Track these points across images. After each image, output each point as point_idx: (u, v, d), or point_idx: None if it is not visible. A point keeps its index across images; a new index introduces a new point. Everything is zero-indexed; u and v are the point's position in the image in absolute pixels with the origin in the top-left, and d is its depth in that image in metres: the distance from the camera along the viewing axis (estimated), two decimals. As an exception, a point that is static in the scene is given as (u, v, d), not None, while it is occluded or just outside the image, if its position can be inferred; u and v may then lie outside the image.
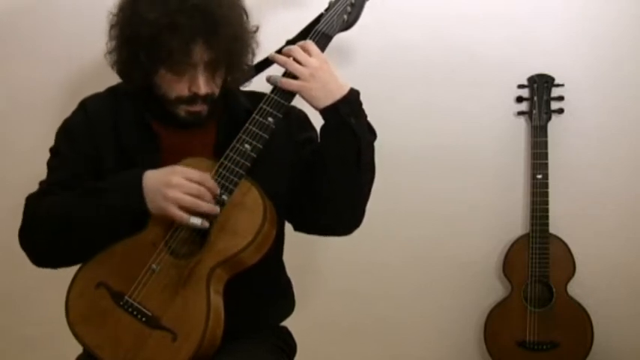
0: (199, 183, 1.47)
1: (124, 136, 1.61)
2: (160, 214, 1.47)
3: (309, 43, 1.56)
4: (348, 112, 1.53)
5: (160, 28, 1.45)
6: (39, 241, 1.56)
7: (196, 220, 1.46)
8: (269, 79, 1.55)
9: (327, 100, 1.53)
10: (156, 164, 1.54)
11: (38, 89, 2.33)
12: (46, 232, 1.54)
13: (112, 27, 1.56)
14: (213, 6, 1.47)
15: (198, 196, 1.46)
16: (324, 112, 1.54)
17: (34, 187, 1.65)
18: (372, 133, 1.62)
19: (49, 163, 1.66)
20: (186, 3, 1.45)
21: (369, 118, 1.62)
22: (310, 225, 1.68)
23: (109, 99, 1.67)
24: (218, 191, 1.48)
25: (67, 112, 1.71)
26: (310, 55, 1.54)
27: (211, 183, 1.48)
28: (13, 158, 2.36)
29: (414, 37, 2.44)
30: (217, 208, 1.47)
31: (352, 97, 1.56)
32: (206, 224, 1.47)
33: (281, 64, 1.55)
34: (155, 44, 1.46)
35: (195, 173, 1.48)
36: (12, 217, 1.68)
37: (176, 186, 1.45)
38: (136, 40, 1.49)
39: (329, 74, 1.54)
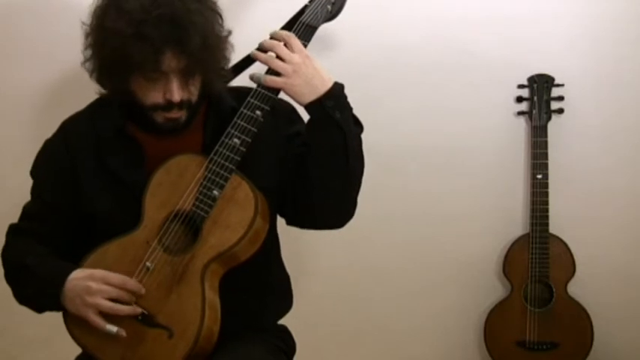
0: (120, 287, 1.49)
1: (106, 153, 1.61)
2: (79, 317, 1.50)
3: (291, 37, 1.56)
4: (332, 107, 1.53)
5: (126, 38, 1.43)
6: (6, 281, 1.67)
7: (112, 328, 1.48)
8: (252, 78, 1.55)
9: (312, 96, 1.53)
10: (141, 175, 1.57)
11: (36, 90, 2.34)
12: (6, 277, 1.66)
13: (86, 36, 1.55)
14: (180, 14, 1.45)
15: (117, 299, 1.48)
16: (308, 107, 1.54)
17: (26, 190, 1.66)
18: (358, 125, 1.62)
19: (31, 189, 1.70)
20: (151, 13, 1.43)
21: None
22: (302, 218, 1.68)
23: (89, 116, 1.68)
24: (142, 291, 1.50)
25: (66, 112, 1.72)
26: (292, 51, 1.54)
27: (133, 285, 1.50)
28: (13, 158, 2.36)
29: (415, 38, 2.44)
30: (138, 310, 1.49)
31: (336, 91, 1.56)
32: (122, 333, 1.48)
33: (263, 62, 1.55)
34: (123, 54, 1.45)
35: (115, 277, 1.49)
36: (10, 217, 1.69)
37: (96, 292, 1.48)
38: (105, 51, 1.48)
39: (312, 69, 1.53)
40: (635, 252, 2.52)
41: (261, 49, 1.57)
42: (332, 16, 1.72)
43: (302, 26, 1.61)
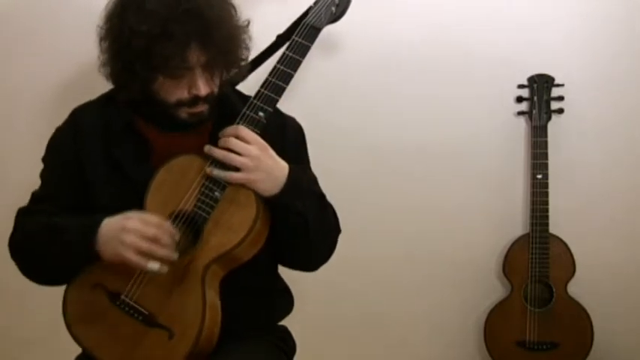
0: (157, 227, 1.46)
1: (113, 146, 1.60)
2: (117, 260, 1.46)
3: (242, 130, 1.51)
4: (293, 197, 1.52)
5: (153, 38, 1.42)
6: (20, 259, 1.61)
7: (154, 266, 1.44)
8: (211, 174, 1.50)
9: (274, 189, 1.50)
10: (147, 172, 1.55)
11: (38, 88, 2.34)
12: (24, 255, 1.60)
13: (101, 40, 1.53)
14: (204, 9, 1.45)
15: (155, 240, 1.44)
16: (270, 199, 1.51)
17: (32, 187, 1.65)
18: (319, 199, 1.62)
19: (41, 174, 1.68)
20: (176, 9, 1.42)
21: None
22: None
23: (99, 107, 1.66)
24: (177, 236, 1.48)
25: (67, 111, 1.72)
26: (248, 143, 1.50)
27: (169, 227, 1.47)
28: (13, 157, 2.37)
29: (414, 38, 2.45)
30: (175, 255, 1.46)
31: (295, 178, 1.53)
32: (165, 269, 1.45)
33: (220, 159, 1.50)
34: (150, 54, 1.44)
35: (152, 218, 1.47)
36: (10, 217, 1.68)
37: (132, 230, 1.44)
38: (129, 52, 1.46)
39: (271, 159, 1.51)
40: (635, 252, 2.52)
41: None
42: (336, 17, 1.73)
43: (306, 28, 1.61)
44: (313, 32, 1.62)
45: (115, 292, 1.52)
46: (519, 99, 2.48)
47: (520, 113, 2.49)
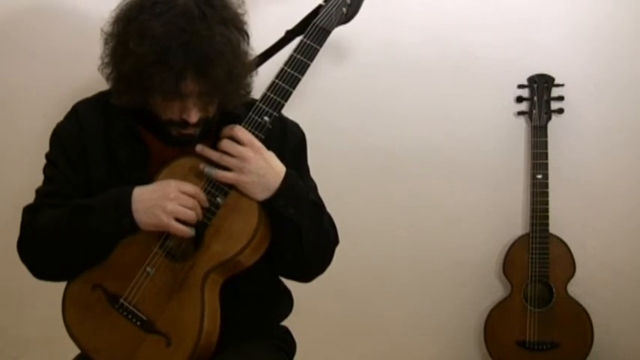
0: (194, 196, 1.47)
1: (115, 147, 1.59)
2: (154, 229, 1.47)
3: (239, 130, 1.50)
4: (285, 204, 1.50)
5: (147, 63, 1.39)
6: (34, 257, 1.58)
7: (192, 232, 1.47)
8: (203, 171, 1.50)
9: (265, 194, 1.49)
10: (144, 179, 1.53)
11: (38, 88, 2.34)
12: (40, 249, 1.55)
13: (105, 44, 1.51)
14: (205, 44, 1.40)
15: (193, 209, 1.46)
16: (262, 203, 1.50)
17: (33, 188, 1.65)
18: (316, 207, 1.59)
19: (44, 171, 1.65)
20: (176, 39, 1.38)
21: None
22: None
23: (101, 106, 1.62)
24: (207, 204, 1.48)
25: (65, 111, 1.71)
26: (242, 144, 1.49)
27: (203, 196, 1.48)
28: (13, 157, 2.37)
29: (415, 38, 2.44)
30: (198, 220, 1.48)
31: (289, 184, 1.51)
32: (192, 233, 1.47)
33: (213, 159, 1.50)
34: (144, 75, 1.41)
35: (189, 186, 1.48)
36: (10, 217, 1.68)
37: (174, 199, 1.45)
38: (125, 67, 1.44)
39: (263, 162, 1.49)
40: (635, 252, 2.52)
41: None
42: (347, 19, 1.67)
43: (315, 29, 1.58)
44: (323, 34, 1.58)
45: (114, 295, 1.51)
46: (519, 99, 2.48)
47: (520, 113, 2.49)
